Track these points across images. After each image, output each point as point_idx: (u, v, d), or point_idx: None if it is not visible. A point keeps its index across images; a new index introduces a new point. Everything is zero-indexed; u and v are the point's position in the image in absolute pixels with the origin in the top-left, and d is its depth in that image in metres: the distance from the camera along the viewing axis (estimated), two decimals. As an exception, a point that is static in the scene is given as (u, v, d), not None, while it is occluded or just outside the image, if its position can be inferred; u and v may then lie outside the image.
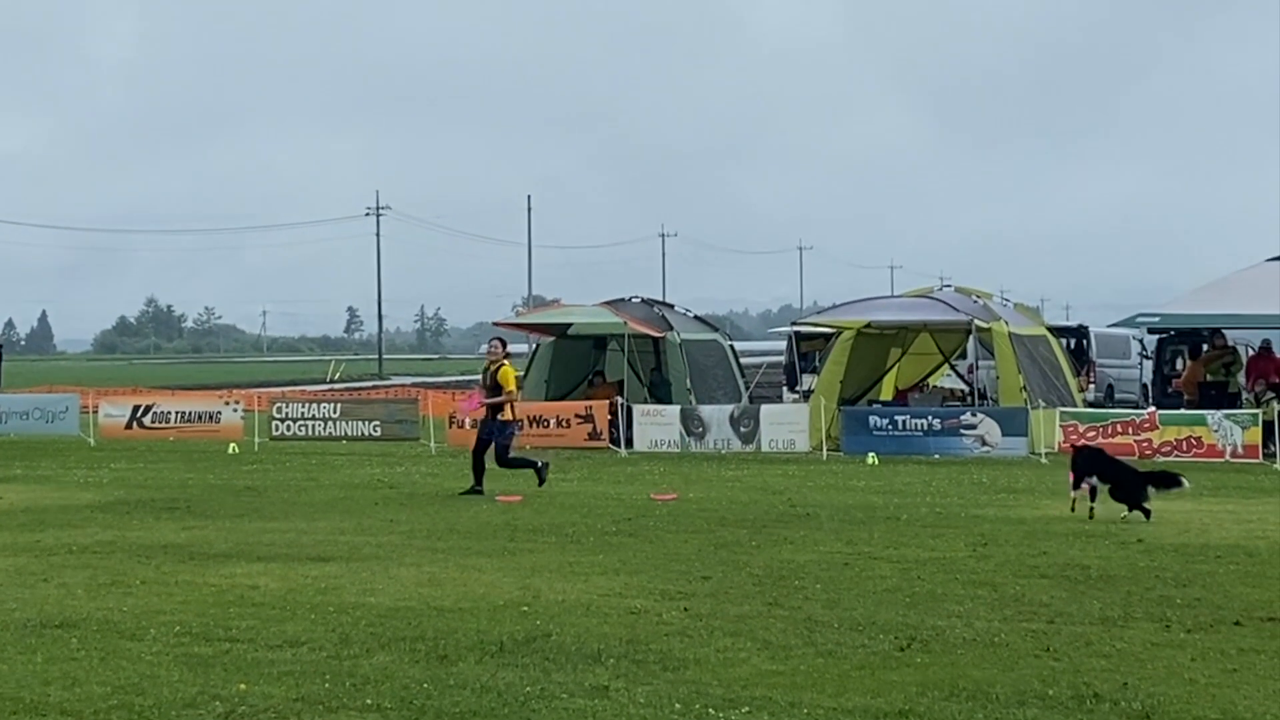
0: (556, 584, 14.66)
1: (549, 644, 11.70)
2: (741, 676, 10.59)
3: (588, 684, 10.34)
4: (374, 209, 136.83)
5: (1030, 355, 33.73)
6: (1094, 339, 47.19)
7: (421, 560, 16.35)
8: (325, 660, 11.14)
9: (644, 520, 20.12)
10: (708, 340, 38.96)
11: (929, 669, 10.80)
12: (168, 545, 17.71)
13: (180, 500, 23.06)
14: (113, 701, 9.87)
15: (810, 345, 45.34)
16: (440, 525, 19.67)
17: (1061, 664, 10.99)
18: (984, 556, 16.47)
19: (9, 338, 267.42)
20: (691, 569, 15.60)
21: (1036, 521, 19.82)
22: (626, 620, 12.73)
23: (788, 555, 16.63)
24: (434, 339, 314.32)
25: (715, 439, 33.08)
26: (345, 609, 13.26)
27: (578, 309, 38.95)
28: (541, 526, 19.44)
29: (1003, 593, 14.08)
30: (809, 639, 11.89)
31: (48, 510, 21.75)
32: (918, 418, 31.97)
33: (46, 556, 16.80)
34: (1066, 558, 16.33)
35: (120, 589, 14.47)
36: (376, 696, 9.98)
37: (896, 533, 18.67)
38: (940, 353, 38.13)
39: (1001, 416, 31.44)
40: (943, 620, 12.66)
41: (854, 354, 35.69)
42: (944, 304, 34.47)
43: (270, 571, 15.51)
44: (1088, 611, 13.11)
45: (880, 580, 14.83)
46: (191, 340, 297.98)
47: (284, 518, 20.68)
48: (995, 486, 24.86)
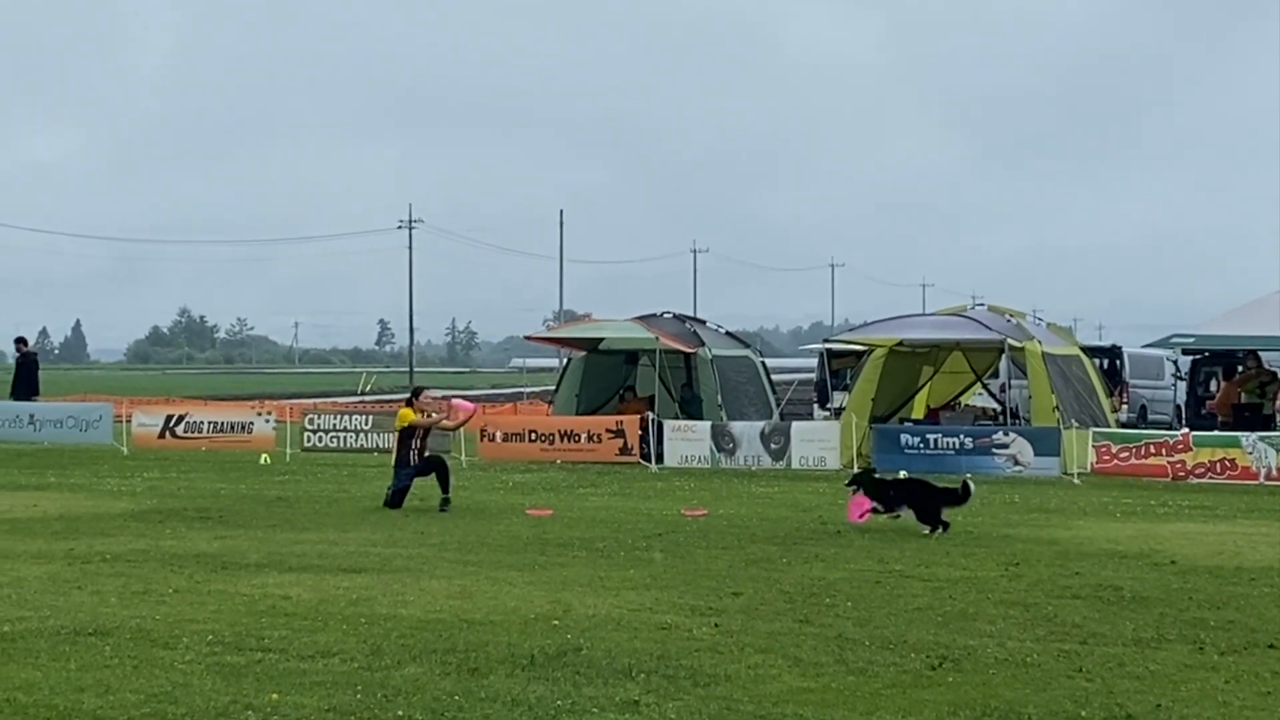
0: (587, 598, 14.67)
1: (579, 658, 11.71)
2: (772, 693, 10.58)
3: (618, 699, 10.34)
4: (406, 222, 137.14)
5: (1063, 375, 33.63)
6: (1127, 359, 47.05)
7: (453, 573, 16.37)
8: (357, 671, 11.16)
9: (674, 536, 20.12)
10: (739, 356, 38.92)
11: (961, 688, 10.78)
12: (200, 554, 17.76)
13: (212, 510, 23.12)
14: (145, 710, 9.91)
15: (842, 363, 45.29)
16: (471, 538, 19.69)
17: (1094, 685, 10.96)
18: (1016, 576, 16.43)
19: (43, 346, 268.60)
20: (722, 585, 15.60)
21: (1069, 542, 19.76)
22: (657, 635, 12.73)
23: (819, 572, 16.62)
24: (465, 352, 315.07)
25: (746, 455, 33.05)
26: (377, 620, 13.28)
27: (609, 324, 38.91)
28: (572, 540, 19.44)
29: (1035, 613, 14.04)
30: (840, 656, 11.87)
31: (81, 518, 21.83)
32: (949, 436, 31.90)
33: (80, 564, 16.86)
34: (1099, 578, 16.28)
35: (153, 597, 14.53)
36: (408, 708, 10.00)
37: (928, 551, 18.63)
38: (972, 371, 38.05)
39: (1034, 436, 31.35)
40: (974, 640, 12.63)
41: (886, 372, 35.63)
42: (977, 322, 34.39)
43: (302, 582, 15.55)
44: (1121, 633, 13.07)
45: (911, 599, 14.80)
46: (224, 351, 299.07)
47: (316, 528, 20.72)
48: (1027, 506, 24.79)
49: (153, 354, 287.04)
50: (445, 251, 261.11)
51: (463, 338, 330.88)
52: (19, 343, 43.24)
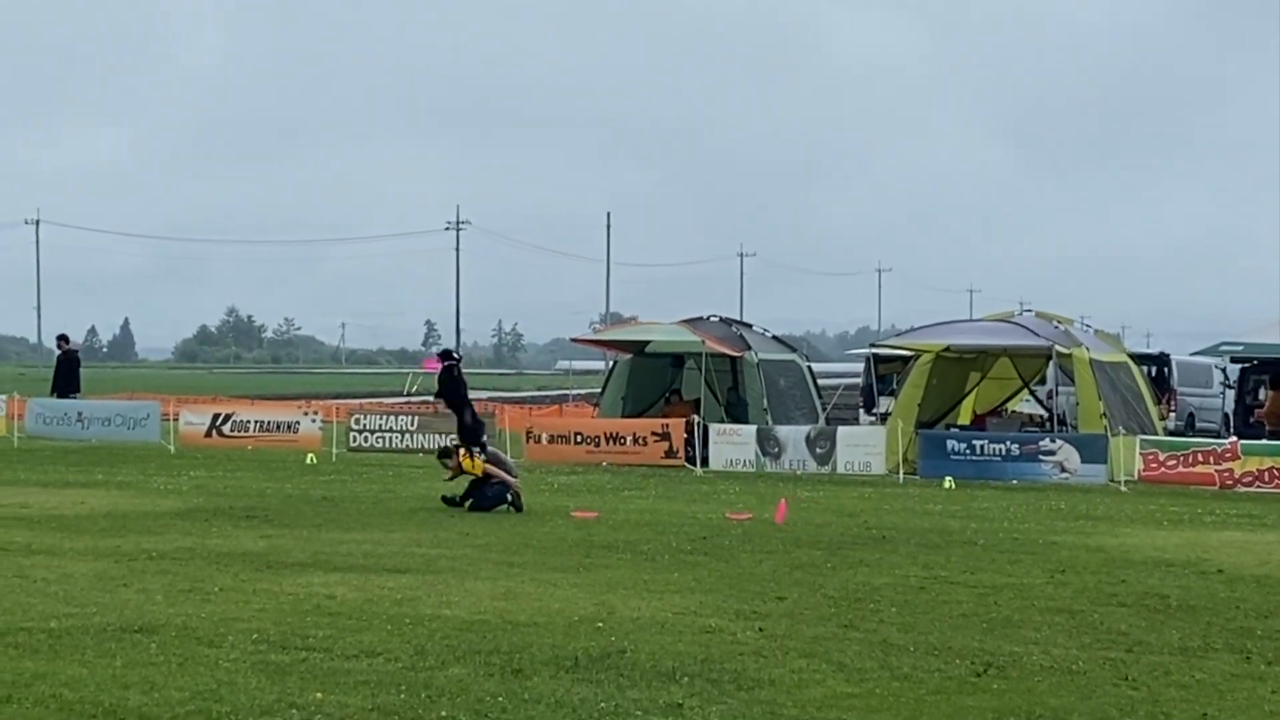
0: (631, 601, 14.66)
1: (623, 661, 11.70)
2: (816, 698, 10.56)
3: (662, 701, 10.34)
4: (454, 223, 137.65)
5: (1111, 382, 33.48)
6: (1175, 367, 46.83)
7: (497, 574, 16.39)
8: (401, 671, 11.18)
9: (719, 539, 20.10)
10: (785, 361, 38.87)
11: (1005, 695, 10.74)
12: (246, 553, 17.83)
13: (258, 509, 23.21)
14: (190, 707, 9.94)
15: (888, 367, 45.18)
16: (516, 540, 19.72)
17: (1140, 693, 10.90)
18: (1062, 583, 16.36)
19: (91, 344, 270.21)
20: (766, 589, 15.58)
21: (1115, 550, 19.66)
22: (701, 639, 12.72)
23: (863, 578, 16.58)
24: (511, 354, 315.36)
25: (791, 459, 33.01)
26: (421, 621, 13.31)
27: (656, 327, 38.92)
28: (616, 543, 19.44)
29: (1080, 620, 13.98)
30: (884, 662, 11.84)
31: (128, 516, 21.94)
32: (996, 442, 31.80)
33: (127, 562, 16.95)
34: (1146, 586, 16.20)
35: (199, 595, 14.59)
36: (451, 709, 10.01)
37: (973, 558, 18.57)
38: (1019, 378, 37.92)
39: (1081, 443, 31.22)
40: (1019, 647, 12.58)
41: (932, 377, 35.52)
42: (1024, 329, 34.27)
43: (347, 582, 15.59)
44: (1167, 641, 13.00)
45: (956, 605, 14.75)
46: (271, 350, 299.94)
47: (361, 529, 20.78)
48: (1073, 513, 24.69)
49: (200, 353, 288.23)
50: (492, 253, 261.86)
51: (509, 339, 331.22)
52: (61, 340, 43.51)
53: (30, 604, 13.94)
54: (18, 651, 11.75)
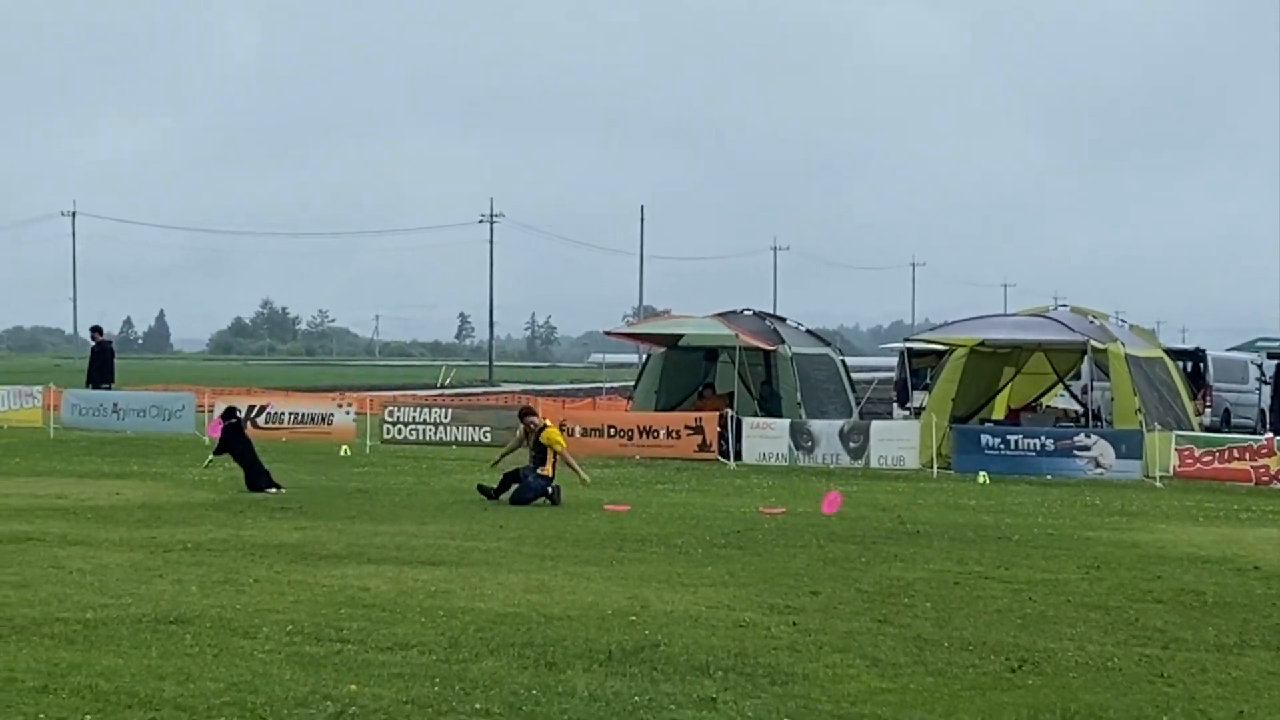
0: (665, 594, 14.66)
1: (657, 654, 11.70)
2: (850, 693, 10.54)
3: (696, 695, 10.33)
4: (488, 216, 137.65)
5: (1146, 377, 33.35)
6: (1211, 363, 46.62)
7: (530, 567, 16.40)
8: (435, 664, 11.19)
9: (752, 533, 20.08)
10: (819, 354, 38.80)
11: (1040, 691, 10.70)
12: (280, 545, 17.88)
13: (293, 501, 23.26)
14: (225, 698, 9.97)
15: (922, 362, 45.08)
16: (549, 532, 19.72)
17: (1175, 690, 10.86)
18: (1097, 579, 16.31)
19: (127, 336, 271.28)
20: (800, 583, 15.55)
21: (1150, 545, 19.59)
22: (735, 633, 12.71)
23: (897, 572, 16.54)
24: (544, 347, 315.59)
25: (824, 453, 32.95)
26: (455, 613, 13.32)
27: (689, 320, 38.90)
28: (650, 537, 19.44)
29: (1116, 616, 13.93)
30: (919, 657, 11.81)
31: (164, 507, 22.01)
32: (1030, 437, 31.69)
33: (162, 553, 17.00)
34: (1181, 583, 16.13)
35: (233, 587, 14.63)
36: (485, 701, 10.02)
37: (1008, 553, 18.52)
38: (1054, 372, 37.79)
39: (1116, 438, 31.10)
40: (1054, 643, 12.54)
41: (967, 372, 35.44)
42: (1059, 323, 34.16)
43: (381, 574, 15.61)
44: (1203, 638, 12.95)
45: (991, 600, 14.71)
46: (305, 342, 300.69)
47: (394, 520, 20.81)
48: (1108, 509, 24.60)
49: (235, 345, 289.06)
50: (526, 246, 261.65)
51: (542, 332, 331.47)
52: (95, 331, 43.66)
53: (66, 594, 14.00)
54: (54, 641, 11.80)
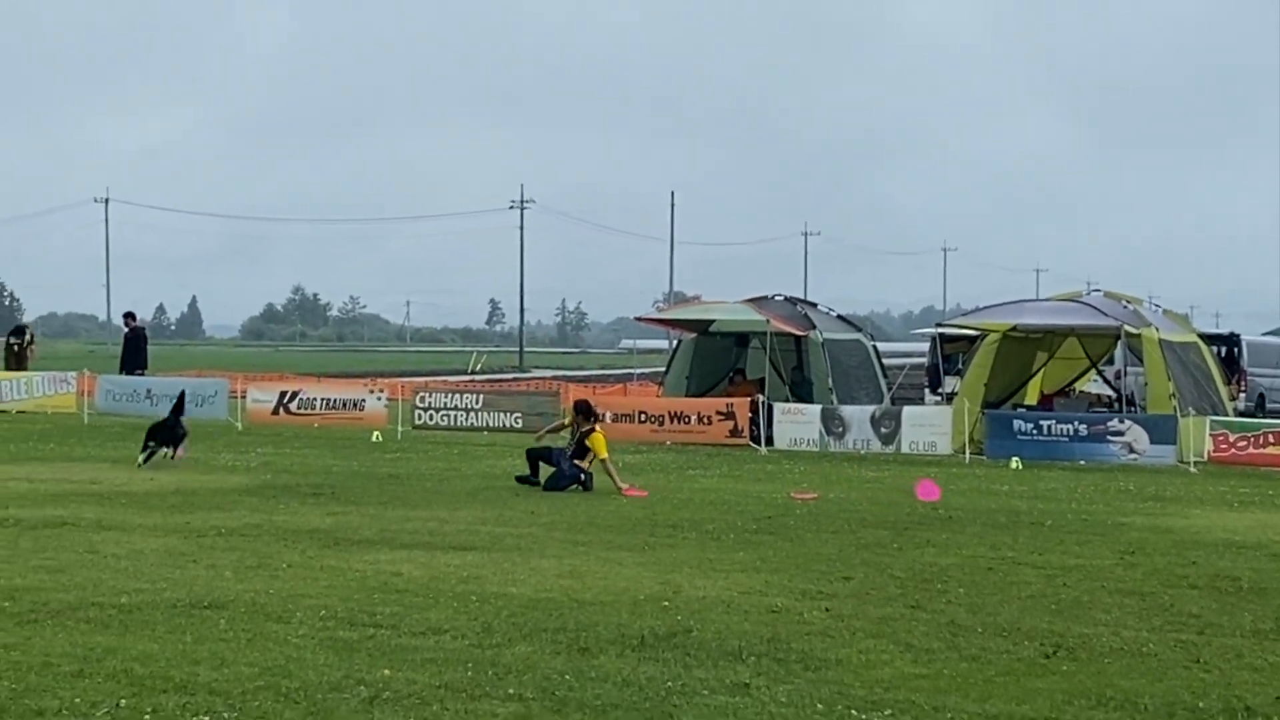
0: (697, 580, 14.65)
1: (690, 640, 11.69)
2: (884, 679, 10.52)
3: (729, 681, 10.32)
4: (518, 202, 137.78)
5: (1180, 362, 33.22)
6: (1246, 347, 46.44)
7: (563, 552, 16.41)
8: (468, 649, 11.20)
9: (784, 519, 20.06)
10: (850, 340, 38.73)
11: (1075, 677, 10.66)
12: (313, 530, 17.91)
13: (325, 486, 23.31)
14: (259, 683, 9.99)
15: (954, 347, 44.99)
16: (581, 518, 19.73)
17: (1212, 676, 10.81)
18: (1131, 565, 16.25)
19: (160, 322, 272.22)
20: (833, 569, 15.53)
21: (1185, 531, 19.51)
22: (767, 618, 12.69)
23: (930, 558, 16.50)
24: (574, 333, 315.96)
25: (855, 439, 32.89)
26: (487, 598, 13.33)
27: (720, 306, 38.84)
28: (681, 522, 19.43)
29: (1151, 602, 13.88)
30: (952, 643, 11.78)
31: (197, 492, 22.07)
32: (1063, 423, 31.60)
33: (196, 538, 17.05)
34: (1216, 568, 16.06)
35: (267, 572, 14.66)
36: (518, 686, 10.02)
37: (1041, 538, 18.46)
38: (1087, 358, 37.67)
39: (1150, 424, 30.99)
40: (1089, 628, 12.50)
41: (999, 357, 35.35)
42: (1092, 308, 34.03)
43: (414, 559, 15.63)
44: (1239, 623, 12.89)
45: (1025, 586, 14.67)
46: (336, 328, 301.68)
47: (426, 506, 20.84)
48: (1142, 494, 24.52)
49: (267, 331, 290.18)
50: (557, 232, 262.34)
51: (573, 318, 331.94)
52: (128, 317, 43.83)
53: (101, 579, 14.05)
54: (89, 626, 11.84)
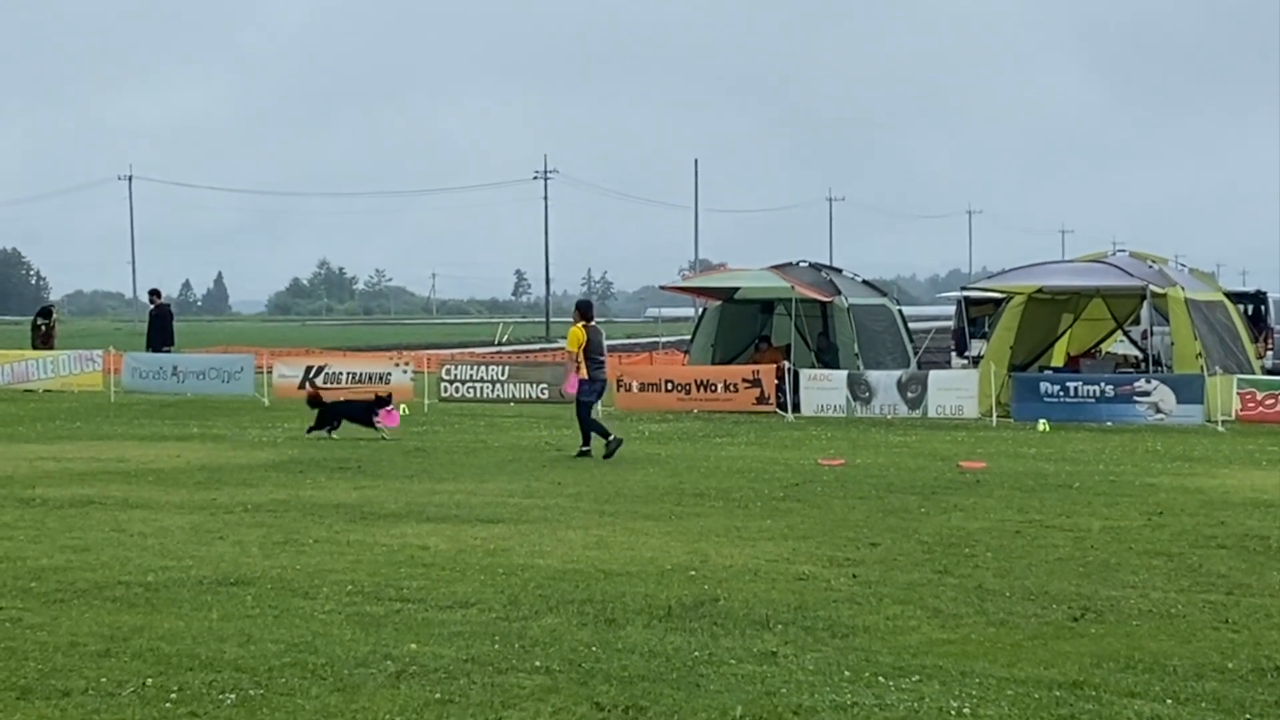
0: (724, 549, 14.63)
1: (717, 609, 11.67)
2: (911, 645, 10.49)
3: (756, 649, 10.30)
4: (542, 172, 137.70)
5: (1207, 321, 33.05)
6: (1273, 305, 46.13)
7: (589, 523, 16.40)
8: (495, 622, 11.20)
9: (811, 486, 20.03)
10: (876, 305, 38.61)
11: (1103, 640, 10.62)
12: (340, 505, 17.93)
13: (351, 460, 23.33)
14: (286, 659, 9.99)
15: (980, 310, 44.86)
16: (607, 488, 19.72)
17: (1241, 636, 10.76)
18: (1159, 526, 16.18)
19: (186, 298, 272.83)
20: (860, 535, 15.50)
21: (1213, 491, 19.43)
22: (794, 586, 12.67)
23: (957, 522, 16.46)
24: (601, 302, 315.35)
25: (882, 404, 32.81)
26: (514, 571, 13.32)
27: (745, 273, 38.75)
28: (708, 491, 19.41)
29: (1179, 563, 13.82)
30: (980, 608, 11.75)
31: (223, 469, 22.11)
32: (1090, 384, 31.47)
33: (222, 514, 17.08)
34: (1245, 528, 16.00)
35: (293, 547, 14.68)
36: (545, 659, 10.01)
37: (1069, 501, 18.40)
38: (1113, 319, 37.48)
39: (1176, 383, 30.85)
40: (1117, 591, 12.45)
41: (1025, 319, 35.20)
42: (1118, 269, 33.86)
43: (440, 532, 15.64)
44: (1268, 583, 12.83)
45: (1052, 549, 14.62)
46: (362, 302, 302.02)
47: (453, 479, 20.84)
48: (1170, 455, 24.42)
49: (293, 305, 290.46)
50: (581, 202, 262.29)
51: (599, 287, 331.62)
52: (153, 294, 43.89)
53: (127, 557, 14.08)
54: (115, 605, 11.86)
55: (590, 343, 24.87)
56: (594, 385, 25.04)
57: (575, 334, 24.95)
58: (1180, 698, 9.10)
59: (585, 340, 24.80)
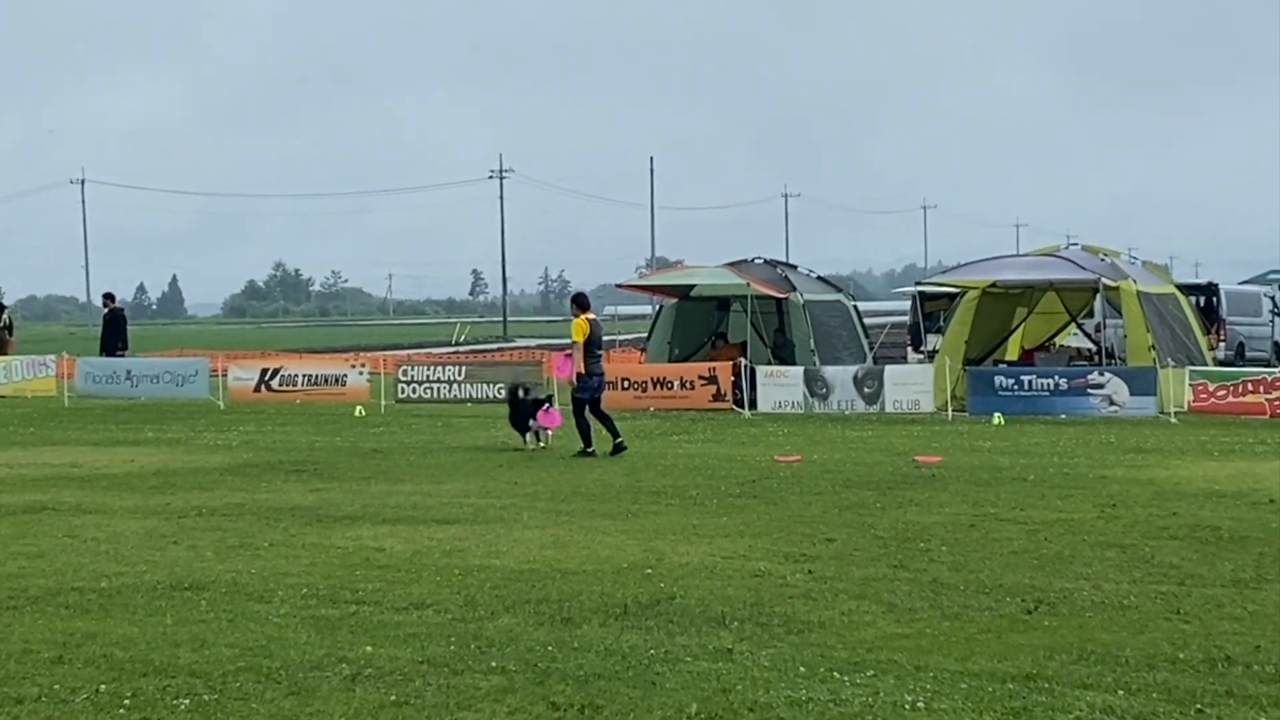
0: (680, 546, 14.65)
1: (673, 607, 11.69)
2: (866, 639, 10.53)
3: (712, 647, 10.32)
4: (498, 172, 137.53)
5: (1159, 313, 33.25)
6: (1224, 296, 46.44)
7: (546, 523, 16.40)
8: (451, 623, 11.19)
9: (767, 482, 20.06)
10: (831, 301, 38.70)
11: (1057, 632, 10.68)
12: (295, 507, 17.88)
13: (307, 462, 23.27)
14: (240, 664, 9.97)
15: (935, 305, 45.05)
16: (564, 487, 19.72)
17: (1192, 627, 10.83)
18: (1112, 518, 16.28)
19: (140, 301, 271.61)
20: (816, 531, 15.54)
21: (1166, 482, 19.55)
22: (750, 583, 12.70)
23: (913, 517, 16.52)
24: (558, 301, 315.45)
25: (839, 400, 32.89)
26: (470, 571, 13.32)
27: (701, 270, 38.79)
28: (664, 488, 19.43)
29: (1132, 554, 13.90)
30: (934, 602, 11.80)
31: (178, 473, 22.03)
32: (1044, 377, 31.60)
33: (176, 519, 17.02)
34: (1197, 519, 16.10)
35: (248, 551, 14.64)
36: (501, 659, 10.01)
37: (1023, 494, 18.48)
38: (1067, 312, 37.69)
39: (1129, 376, 31.01)
40: (1070, 583, 12.52)
41: (979, 314, 35.34)
42: (1070, 262, 34.05)
43: (396, 534, 15.62)
44: (1219, 573, 12.92)
45: (1007, 542, 14.69)
46: (319, 303, 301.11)
47: (409, 480, 20.81)
48: (1123, 446, 24.55)
49: (249, 308, 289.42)
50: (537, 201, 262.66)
51: (556, 286, 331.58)
52: (106, 298, 43.65)
53: (81, 563, 14.02)
54: (69, 611, 11.82)
55: (591, 336, 24.88)
56: (589, 381, 24.91)
57: (580, 325, 24.89)
58: (1132, 688, 9.17)
59: (589, 332, 24.81)
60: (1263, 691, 9.10)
